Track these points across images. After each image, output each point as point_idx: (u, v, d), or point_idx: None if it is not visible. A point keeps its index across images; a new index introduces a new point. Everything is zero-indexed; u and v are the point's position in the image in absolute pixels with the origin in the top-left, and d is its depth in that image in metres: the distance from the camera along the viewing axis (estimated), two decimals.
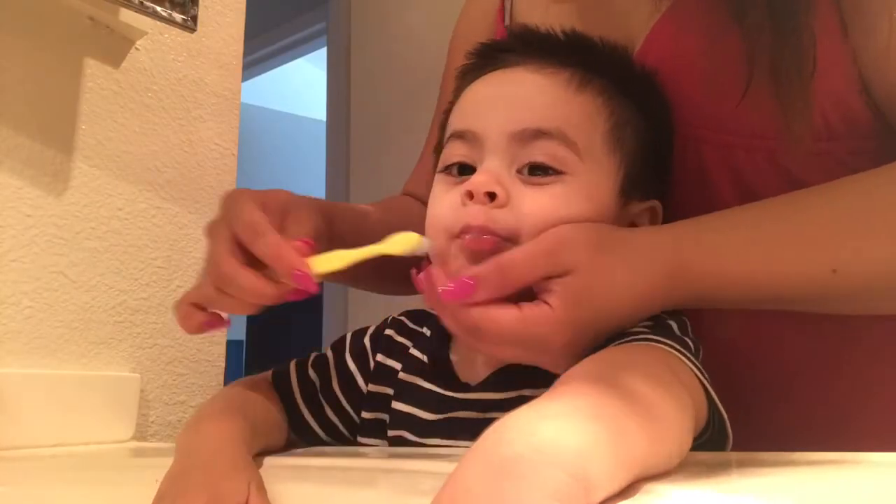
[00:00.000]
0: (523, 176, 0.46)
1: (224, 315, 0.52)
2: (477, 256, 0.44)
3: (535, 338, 0.42)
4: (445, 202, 0.48)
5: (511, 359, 0.47)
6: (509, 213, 0.45)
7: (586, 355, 0.39)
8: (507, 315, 0.42)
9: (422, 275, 0.45)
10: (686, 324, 0.47)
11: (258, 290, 0.47)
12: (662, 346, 0.41)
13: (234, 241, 0.47)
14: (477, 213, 0.45)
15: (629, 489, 0.30)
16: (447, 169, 0.50)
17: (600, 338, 0.44)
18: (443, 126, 0.55)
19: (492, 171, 0.46)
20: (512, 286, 0.43)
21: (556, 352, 0.43)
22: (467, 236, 0.45)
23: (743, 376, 0.55)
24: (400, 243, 0.47)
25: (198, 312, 0.50)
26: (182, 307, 0.50)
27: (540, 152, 0.46)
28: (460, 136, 0.49)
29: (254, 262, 0.47)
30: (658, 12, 0.55)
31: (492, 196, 0.45)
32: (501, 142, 0.47)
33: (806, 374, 0.55)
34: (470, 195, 0.45)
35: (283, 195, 0.52)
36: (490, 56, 0.53)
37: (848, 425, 0.55)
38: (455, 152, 0.50)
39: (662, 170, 0.53)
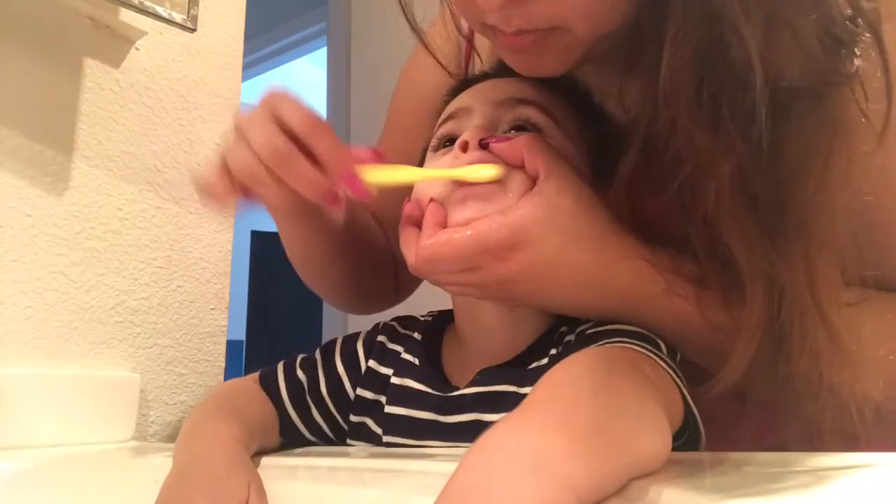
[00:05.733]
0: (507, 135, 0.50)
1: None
2: (465, 204, 0.46)
3: (488, 248, 0.43)
4: (436, 165, 0.51)
5: (464, 286, 0.47)
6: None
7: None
8: (461, 233, 0.44)
9: (406, 207, 0.48)
10: None
11: (312, 180, 0.46)
12: (635, 347, 0.41)
13: (289, 130, 0.46)
14: (474, 157, 0.47)
15: (621, 489, 0.30)
16: (436, 146, 0.53)
17: (542, 284, 0.45)
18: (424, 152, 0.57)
19: (479, 126, 0.50)
20: (529, 157, 0.45)
21: (507, 267, 0.44)
22: (462, 189, 0.46)
23: None
24: (477, 172, 0.46)
25: (237, 187, 0.48)
26: (213, 180, 0.48)
27: (521, 115, 0.50)
28: (449, 117, 0.53)
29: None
30: None
31: (484, 145, 0.48)
32: (487, 109, 0.51)
33: None
34: (464, 146, 0.48)
35: (321, 117, 0.50)
36: (466, 83, 0.57)
37: None
38: (444, 129, 0.53)
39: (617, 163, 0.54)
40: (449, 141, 0.52)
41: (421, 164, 0.56)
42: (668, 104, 0.41)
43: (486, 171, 0.46)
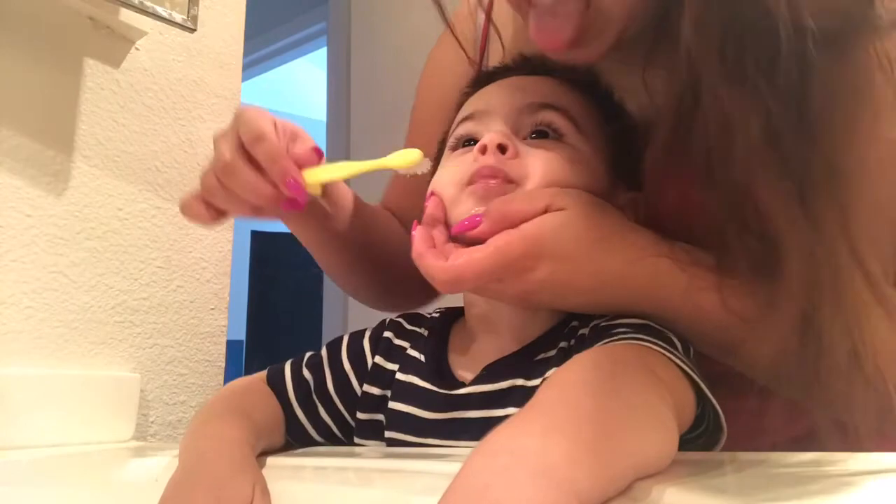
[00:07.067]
0: (527, 141, 0.50)
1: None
2: (485, 201, 0.47)
3: (509, 263, 0.43)
4: (454, 163, 0.51)
5: (493, 290, 0.47)
6: (518, 164, 0.48)
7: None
8: (479, 252, 0.43)
9: (417, 230, 0.47)
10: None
11: (255, 187, 0.50)
12: (644, 343, 0.41)
13: (240, 143, 0.50)
14: (490, 160, 0.47)
15: (624, 489, 0.30)
16: (454, 146, 0.53)
17: (561, 292, 0.45)
18: (442, 143, 0.57)
19: (501, 131, 0.50)
20: (513, 218, 0.44)
21: (529, 278, 0.44)
22: (478, 183, 0.47)
23: None
24: (402, 157, 0.48)
25: (205, 205, 0.53)
26: (189, 201, 0.53)
27: (543, 120, 0.51)
28: (469, 117, 0.53)
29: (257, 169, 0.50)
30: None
31: (502, 149, 0.48)
32: (510, 114, 0.51)
33: None
34: (483, 149, 0.48)
35: (295, 125, 0.53)
36: (487, 77, 0.57)
37: None
38: (463, 130, 0.53)
39: (638, 163, 0.54)
40: (468, 141, 0.52)
41: (438, 158, 0.56)
42: (693, 63, 0.41)
43: (412, 156, 0.48)
